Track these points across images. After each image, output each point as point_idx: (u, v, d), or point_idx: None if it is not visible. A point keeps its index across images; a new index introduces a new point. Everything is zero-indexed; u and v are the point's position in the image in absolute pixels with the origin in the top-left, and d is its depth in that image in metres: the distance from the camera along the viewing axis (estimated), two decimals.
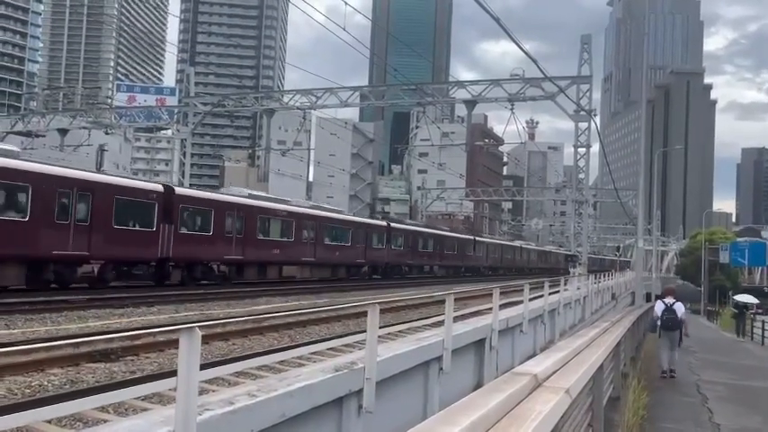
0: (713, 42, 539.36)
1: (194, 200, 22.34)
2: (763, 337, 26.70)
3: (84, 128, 39.22)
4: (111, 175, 22.07)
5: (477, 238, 50.64)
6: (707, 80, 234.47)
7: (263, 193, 31.40)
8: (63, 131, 38.20)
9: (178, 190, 22.35)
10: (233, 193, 25.56)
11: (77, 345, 7.26)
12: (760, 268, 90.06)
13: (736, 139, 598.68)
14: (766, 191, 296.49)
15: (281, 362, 7.10)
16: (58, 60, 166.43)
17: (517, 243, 66.34)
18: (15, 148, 18.76)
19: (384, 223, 36.96)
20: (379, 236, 34.77)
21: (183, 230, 21.09)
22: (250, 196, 26.03)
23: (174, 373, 3.88)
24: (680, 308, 12.93)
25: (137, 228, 19.55)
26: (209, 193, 24.84)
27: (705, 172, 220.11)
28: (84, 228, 17.44)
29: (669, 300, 13.10)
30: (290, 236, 26.71)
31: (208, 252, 22.38)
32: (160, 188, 21.01)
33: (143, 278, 20.39)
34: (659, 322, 12.90)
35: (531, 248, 69.13)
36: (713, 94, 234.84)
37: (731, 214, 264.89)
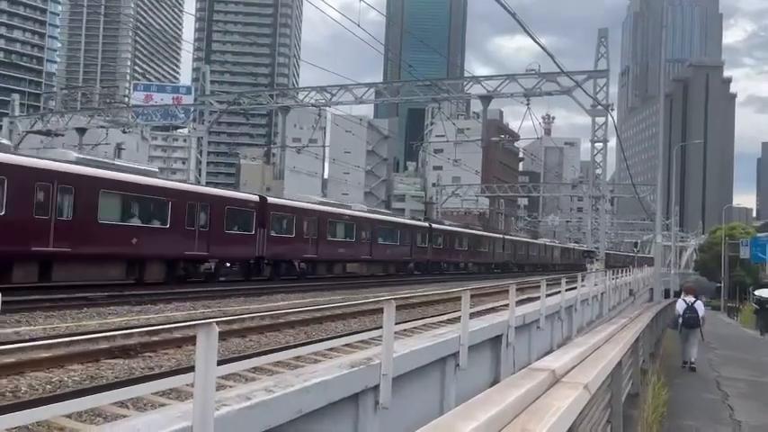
0: (732, 35, 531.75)
1: (281, 207, 26.28)
2: None
3: (102, 127, 39.60)
4: (220, 189, 27.06)
5: (505, 237, 53.87)
6: (726, 73, 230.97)
7: (330, 200, 36.77)
8: (81, 130, 38.61)
9: (269, 199, 26.18)
10: (307, 200, 29.80)
11: (96, 340, 7.34)
12: None
13: (757, 134, 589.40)
14: None
15: (297, 358, 7.13)
16: (76, 60, 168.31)
17: (541, 240, 69.19)
18: (154, 169, 24.11)
19: (426, 224, 40.14)
20: (422, 236, 37.96)
21: (273, 233, 24.84)
22: (321, 203, 30.63)
23: (191, 369, 3.91)
24: (700, 306, 13.57)
25: (240, 232, 23.45)
26: (292, 201, 28.43)
27: (725, 166, 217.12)
28: (205, 233, 21.33)
29: (690, 298, 13.62)
30: (351, 237, 30.47)
31: (291, 251, 26.25)
32: (257, 198, 24.92)
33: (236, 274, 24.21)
34: (681, 320, 13.38)
35: (554, 245, 71.36)
36: (733, 88, 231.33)
37: (752, 209, 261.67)
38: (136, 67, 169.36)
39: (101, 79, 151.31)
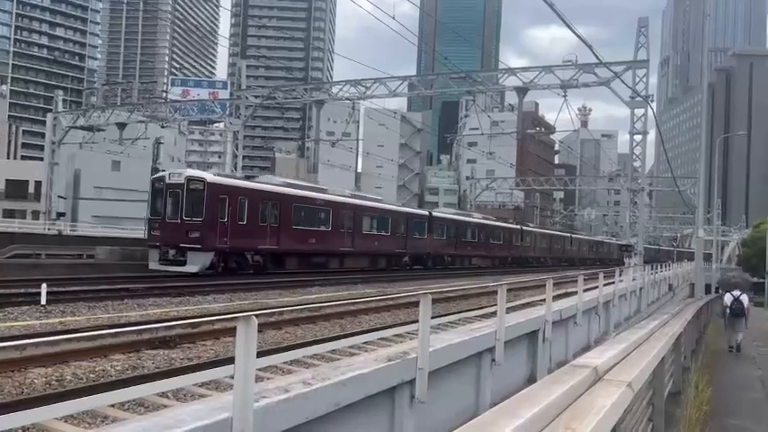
0: None
1: (443, 219, 37.10)
2: None
3: (141, 121, 40.38)
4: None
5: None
6: None
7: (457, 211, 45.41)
8: (121, 125, 39.46)
9: (434, 212, 37.53)
10: (445, 212, 40.48)
11: (140, 332, 7.51)
12: None
13: None
14: None
15: (333, 351, 7.18)
16: (116, 56, 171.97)
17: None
18: (326, 187, 30.14)
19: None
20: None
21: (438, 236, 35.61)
22: (456, 214, 41.40)
23: (229, 361, 3.97)
24: (745, 299, 16.10)
25: (418, 236, 33.79)
26: (447, 214, 39.39)
27: None
28: (350, 234, 27.95)
29: (736, 292, 16.22)
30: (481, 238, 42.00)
31: (443, 249, 36.49)
32: (426, 212, 36.90)
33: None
34: (728, 310, 15.84)
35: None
36: None
37: None
38: (173, 63, 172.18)
39: (140, 75, 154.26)
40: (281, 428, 3.87)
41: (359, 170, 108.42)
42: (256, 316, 3.51)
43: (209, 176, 21.29)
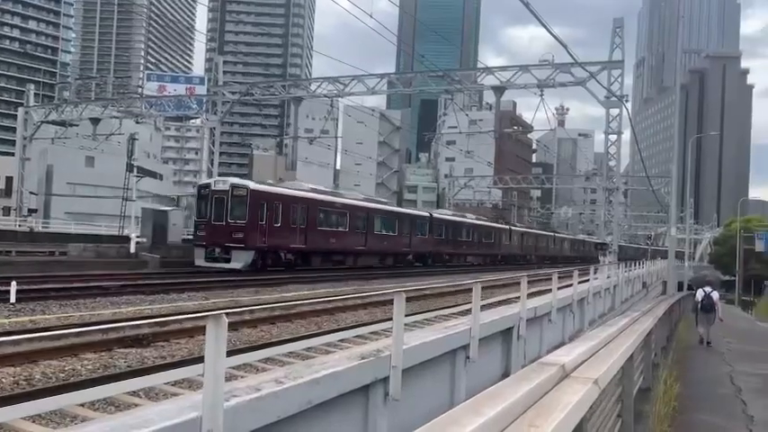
0: (750, 25, 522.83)
1: (442, 220, 39.01)
2: None
3: (116, 117, 39.77)
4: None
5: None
6: (743, 64, 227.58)
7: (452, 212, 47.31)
8: (95, 121, 38.82)
9: (434, 214, 39.55)
10: (443, 213, 42.48)
11: (105, 331, 7.40)
12: None
13: None
14: None
15: (308, 349, 7.16)
16: (90, 50, 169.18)
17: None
18: (360, 195, 34.23)
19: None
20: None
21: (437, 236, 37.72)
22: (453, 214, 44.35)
23: (201, 359, 3.93)
24: (715, 295, 17.33)
25: (420, 236, 35.85)
26: (446, 215, 41.34)
27: (741, 159, 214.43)
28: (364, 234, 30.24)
29: (707, 288, 17.50)
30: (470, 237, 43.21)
31: (442, 248, 38.66)
32: (427, 214, 38.94)
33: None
34: (699, 306, 16.95)
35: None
36: (750, 79, 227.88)
37: None
38: (149, 58, 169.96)
39: (114, 70, 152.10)
40: (252, 427, 3.85)
41: (338, 167, 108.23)
42: (229, 314, 3.49)
43: (251, 184, 24.14)
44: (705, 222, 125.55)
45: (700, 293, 17.42)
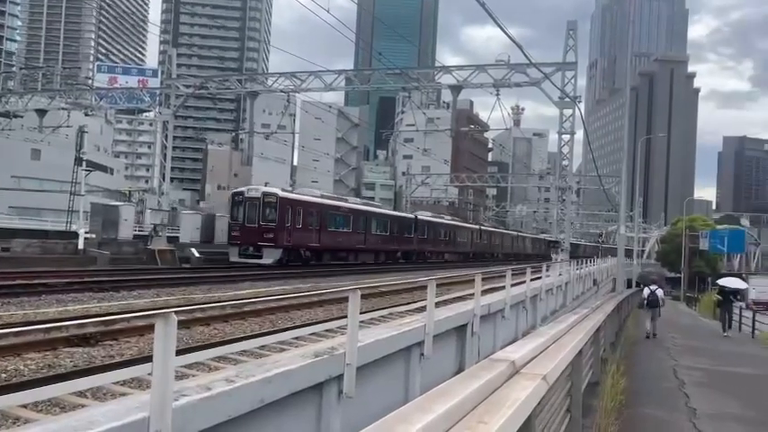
0: (697, 30, 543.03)
1: (425, 221, 42.40)
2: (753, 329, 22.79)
3: (64, 109, 38.48)
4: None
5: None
6: (690, 68, 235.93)
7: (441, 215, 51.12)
8: (41, 112, 37.53)
9: (418, 216, 42.45)
10: (425, 215, 44.64)
11: (49, 330, 7.17)
12: (738, 255, 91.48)
13: (718, 128, 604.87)
14: (746, 179, 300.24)
15: (262, 347, 7.07)
16: (37, 39, 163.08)
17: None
18: (358, 200, 38.52)
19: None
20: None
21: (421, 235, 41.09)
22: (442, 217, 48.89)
23: (150, 359, 3.84)
24: (660, 292, 19.84)
25: (407, 236, 39.29)
26: (427, 217, 44.05)
27: (687, 160, 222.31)
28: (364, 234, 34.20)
29: (653, 286, 20.00)
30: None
31: (424, 246, 41.92)
32: (413, 216, 42.05)
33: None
34: (646, 301, 19.45)
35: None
36: (696, 83, 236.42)
37: (711, 202, 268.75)
38: (100, 48, 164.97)
39: (63, 60, 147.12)
40: (202, 427, 3.78)
41: (294, 164, 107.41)
42: (180, 312, 3.42)
43: (280, 192, 27.93)
44: (653, 221, 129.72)
45: (646, 291, 19.68)
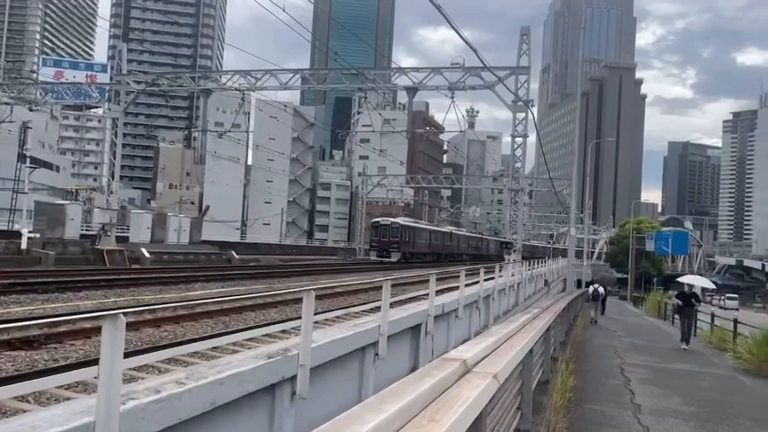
0: (644, 38, 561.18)
1: (408, 227, 48.22)
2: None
3: (6, 103, 37.04)
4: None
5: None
6: (637, 75, 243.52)
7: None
8: None
9: (402, 222, 48.40)
10: (408, 221, 52.16)
11: None
12: (682, 256, 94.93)
13: (663, 133, 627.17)
14: (690, 183, 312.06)
15: (214, 348, 6.97)
16: None
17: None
18: (424, 221, 61.35)
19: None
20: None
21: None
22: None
23: (97, 362, 3.73)
24: (601, 289, 27.63)
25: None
26: (410, 223, 50.74)
27: (635, 163, 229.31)
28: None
29: (596, 285, 27.28)
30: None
31: (408, 248, 47.12)
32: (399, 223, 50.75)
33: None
34: (591, 296, 26.41)
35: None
36: (642, 89, 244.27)
37: (657, 204, 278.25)
38: (45, 41, 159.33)
39: (5, 52, 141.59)
40: (152, 430, 3.69)
41: (249, 163, 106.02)
42: (129, 313, 3.33)
43: (401, 220, 47.78)
44: (602, 223, 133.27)
45: (591, 288, 27.11)
